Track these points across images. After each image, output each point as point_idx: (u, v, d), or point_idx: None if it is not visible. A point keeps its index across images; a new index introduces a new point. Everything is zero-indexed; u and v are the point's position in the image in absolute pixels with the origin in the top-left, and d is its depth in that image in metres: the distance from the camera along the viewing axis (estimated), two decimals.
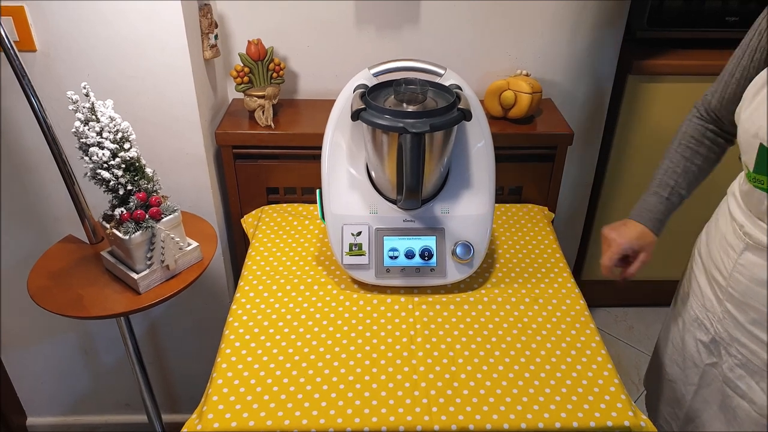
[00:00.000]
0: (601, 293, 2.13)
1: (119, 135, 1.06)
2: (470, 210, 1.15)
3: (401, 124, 0.99)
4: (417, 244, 1.14)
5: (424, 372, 0.98)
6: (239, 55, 1.39)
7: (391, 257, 1.13)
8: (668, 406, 1.15)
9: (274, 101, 1.46)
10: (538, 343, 1.04)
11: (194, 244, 1.21)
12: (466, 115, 1.04)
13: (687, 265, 1.13)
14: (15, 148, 1.34)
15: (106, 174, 1.06)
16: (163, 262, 1.14)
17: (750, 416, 0.96)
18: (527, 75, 1.54)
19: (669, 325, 1.16)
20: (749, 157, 0.86)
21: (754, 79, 0.87)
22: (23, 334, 1.64)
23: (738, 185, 0.97)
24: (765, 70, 0.86)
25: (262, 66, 1.41)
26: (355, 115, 1.04)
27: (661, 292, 1.69)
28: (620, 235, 1.05)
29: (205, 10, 1.33)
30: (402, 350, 1.02)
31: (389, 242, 1.14)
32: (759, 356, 0.93)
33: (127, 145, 1.07)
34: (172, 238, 1.15)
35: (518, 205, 1.46)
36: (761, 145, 0.82)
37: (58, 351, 1.69)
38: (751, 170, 0.86)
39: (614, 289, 2.12)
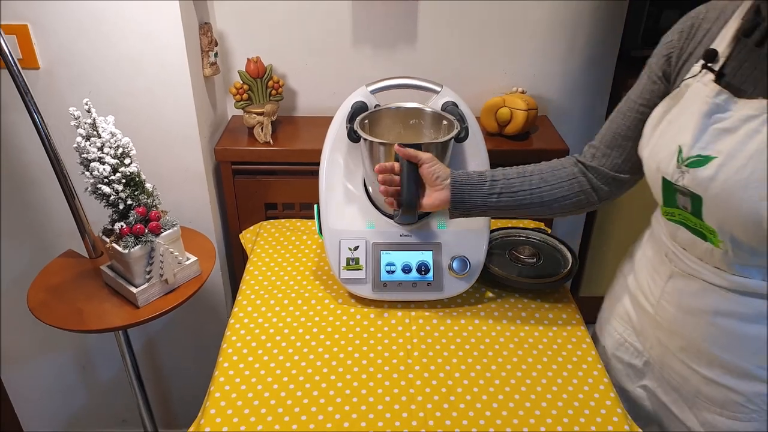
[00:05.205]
0: (598, 309, 2.12)
1: (120, 150, 1.08)
2: (467, 225, 1.16)
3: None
4: (414, 258, 1.15)
5: (420, 386, 0.99)
6: (239, 72, 1.41)
7: (388, 272, 1.14)
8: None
9: (273, 118, 1.48)
10: (535, 358, 1.05)
11: (193, 258, 1.22)
12: (462, 131, 1.06)
13: (611, 286, 1.13)
14: (17, 163, 1.36)
15: (106, 189, 1.07)
16: (161, 276, 1.15)
17: None
18: (523, 92, 1.56)
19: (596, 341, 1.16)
20: (657, 192, 0.88)
21: (651, 114, 0.89)
22: (22, 349, 1.65)
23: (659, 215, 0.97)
24: (660, 104, 0.87)
25: (261, 83, 1.43)
26: (353, 133, 1.06)
27: None
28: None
29: (205, 28, 1.35)
30: (399, 364, 1.03)
31: (386, 257, 1.15)
32: (689, 383, 0.93)
33: (127, 161, 1.09)
34: (171, 253, 1.16)
35: (514, 221, 1.47)
36: (663, 178, 0.84)
37: (56, 367, 1.69)
38: (662, 205, 0.88)
39: None
